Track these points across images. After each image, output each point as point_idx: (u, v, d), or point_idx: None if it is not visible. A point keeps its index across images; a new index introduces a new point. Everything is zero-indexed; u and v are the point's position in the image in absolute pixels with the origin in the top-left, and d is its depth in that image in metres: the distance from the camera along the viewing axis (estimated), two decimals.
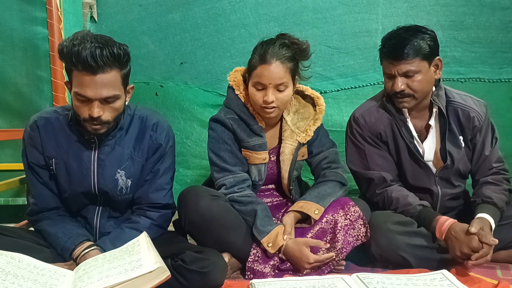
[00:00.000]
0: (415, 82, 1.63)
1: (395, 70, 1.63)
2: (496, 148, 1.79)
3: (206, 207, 1.58)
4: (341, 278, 1.44)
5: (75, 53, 1.29)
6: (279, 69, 1.60)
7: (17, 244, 1.41)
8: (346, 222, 1.64)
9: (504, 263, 1.72)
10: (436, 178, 1.77)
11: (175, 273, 1.33)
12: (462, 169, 1.78)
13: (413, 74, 1.62)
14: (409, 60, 1.60)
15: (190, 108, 2.51)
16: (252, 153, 1.72)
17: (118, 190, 1.53)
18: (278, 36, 1.67)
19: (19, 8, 2.37)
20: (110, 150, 1.51)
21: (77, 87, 1.34)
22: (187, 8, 2.46)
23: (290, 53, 1.63)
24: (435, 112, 1.74)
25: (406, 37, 1.60)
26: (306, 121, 1.78)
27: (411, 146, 1.73)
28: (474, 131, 1.75)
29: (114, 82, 1.36)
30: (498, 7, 2.38)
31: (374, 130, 1.77)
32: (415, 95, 1.66)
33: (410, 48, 1.59)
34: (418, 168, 1.76)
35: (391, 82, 1.66)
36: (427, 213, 1.67)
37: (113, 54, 1.33)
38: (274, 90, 1.62)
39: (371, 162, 1.78)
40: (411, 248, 1.61)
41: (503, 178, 1.76)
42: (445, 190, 1.78)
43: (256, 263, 1.57)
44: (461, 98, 1.77)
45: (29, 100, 2.44)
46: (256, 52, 1.65)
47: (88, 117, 1.36)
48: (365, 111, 1.80)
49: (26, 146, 1.51)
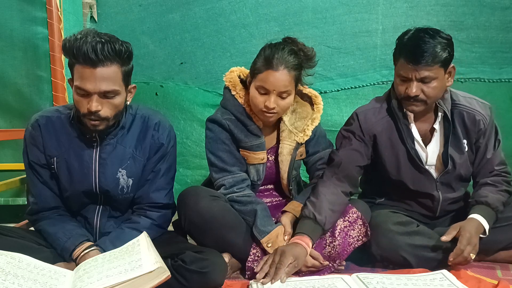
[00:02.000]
0: (430, 89, 1.58)
1: (413, 74, 1.57)
2: (498, 150, 1.77)
3: (206, 207, 1.58)
4: (341, 278, 1.44)
5: (77, 47, 1.31)
6: (285, 77, 1.59)
7: (17, 244, 1.41)
8: (345, 223, 1.64)
9: (504, 263, 1.71)
10: (437, 183, 1.74)
11: (175, 273, 1.33)
12: (464, 173, 1.76)
13: (430, 81, 1.57)
14: (429, 66, 1.54)
15: (190, 108, 2.51)
16: (250, 153, 1.72)
17: (119, 189, 1.53)
18: (286, 40, 1.65)
19: (19, 8, 2.37)
20: (112, 149, 1.51)
21: (78, 81, 1.35)
22: (187, 8, 2.46)
23: (297, 60, 1.61)
24: (440, 115, 1.71)
25: (429, 42, 1.54)
26: (304, 121, 1.77)
27: (411, 151, 1.70)
28: (478, 134, 1.72)
29: (114, 77, 1.36)
30: (498, 7, 2.38)
31: (370, 130, 1.74)
32: (427, 101, 1.61)
33: (433, 54, 1.53)
34: (418, 174, 1.73)
35: (405, 86, 1.61)
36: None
37: (114, 49, 1.34)
38: (277, 97, 1.61)
39: (342, 150, 1.74)
40: (411, 248, 1.61)
41: (503, 180, 1.75)
42: (446, 195, 1.76)
43: (256, 263, 1.57)
44: (466, 101, 1.74)
45: (29, 100, 2.44)
46: (262, 54, 1.62)
47: (87, 111, 1.37)
48: (368, 110, 1.77)
49: (27, 145, 1.51)
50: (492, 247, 1.70)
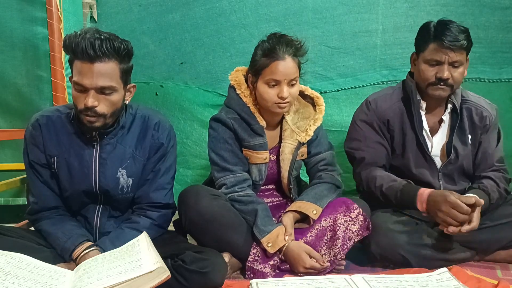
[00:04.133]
0: (457, 73, 1.66)
1: (446, 58, 1.63)
2: (499, 148, 1.82)
3: (206, 207, 1.58)
4: (341, 278, 1.44)
5: (76, 42, 1.33)
6: (292, 64, 1.62)
7: (17, 244, 1.41)
8: (346, 218, 1.64)
9: (504, 263, 1.72)
10: (439, 173, 1.78)
11: (175, 273, 1.33)
12: (466, 166, 1.79)
13: (459, 66, 1.66)
14: (461, 51, 1.64)
15: (190, 108, 2.51)
16: (253, 152, 1.72)
17: (119, 189, 1.53)
18: (274, 34, 1.66)
19: (19, 8, 2.36)
20: (112, 149, 1.51)
21: (76, 76, 1.36)
22: (187, 8, 2.46)
23: (295, 48, 1.64)
24: (449, 107, 1.76)
25: (461, 28, 1.64)
26: (306, 121, 1.78)
27: (420, 138, 1.75)
28: (483, 130, 1.78)
29: (112, 73, 1.37)
30: (498, 7, 2.38)
31: (383, 116, 1.79)
32: (454, 86, 1.68)
33: (465, 39, 1.63)
34: (423, 162, 1.78)
35: (435, 70, 1.66)
36: (410, 187, 1.69)
37: (113, 45, 1.35)
38: (287, 86, 1.62)
39: (367, 146, 1.80)
40: (410, 246, 1.62)
41: (503, 177, 1.77)
42: (447, 186, 1.79)
43: (256, 262, 1.57)
44: (475, 98, 1.82)
45: (29, 100, 2.44)
46: (261, 50, 1.64)
47: (84, 107, 1.37)
48: (379, 96, 1.84)
49: (28, 144, 1.51)
50: (492, 246, 1.71)
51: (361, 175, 1.81)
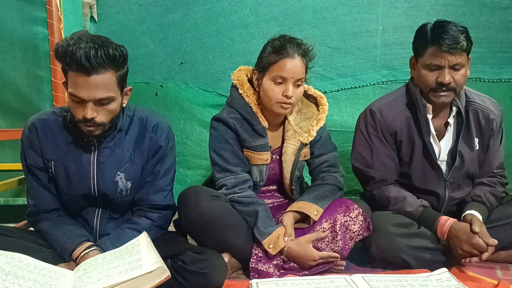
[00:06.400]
0: (459, 76, 1.61)
1: (446, 62, 1.57)
2: (499, 153, 1.79)
3: (206, 207, 1.57)
4: (341, 278, 1.44)
5: (69, 53, 1.28)
6: (301, 63, 1.61)
7: (17, 244, 1.41)
8: (346, 218, 1.64)
9: (504, 263, 1.72)
10: (446, 183, 1.74)
11: (175, 274, 1.33)
12: (472, 171, 1.76)
13: (460, 68, 1.60)
14: (461, 52, 1.57)
15: (190, 108, 2.50)
16: (254, 153, 1.72)
17: (118, 193, 1.52)
18: (282, 35, 1.65)
19: (19, 8, 2.36)
20: (110, 153, 1.50)
21: (72, 88, 1.33)
22: (187, 8, 2.46)
23: (305, 49, 1.63)
24: (454, 110, 1.72)
25: (457, 29, 1.58)
26: (309, 121, 1.77)
27: (428, 145, 1.70)
28: (490, 133, 1.74)
29: (109, 83, 1.34)
30: (498, 7, 2.38)
31: (390, 127, 1.73)
32: (457, 89, 1.63)
33: (464, 40, 1.57)
34: (430, 170, 1.73)
35: (436, 75, 1.61)
36: (429, 214, 1.67)
37: (108, 55, 1.30)
38: (293, 85, 1.61)
39: (376, 161, 1.76)
40: (411, 249, 1.61)
41: (498, 182, 1.76)
42: (452, 194, 1.76)
43: (260, 263, 1.56)
44: (480, 99, 1.76)
45: (29, 100, 2.44)
46: (271, 47, 1.63)
47: (82, 118, 1.35)
48: (383, 105, 1.76)
49: (25, 148, 1.50)
50: None
51: (373, 193, 1.78)
